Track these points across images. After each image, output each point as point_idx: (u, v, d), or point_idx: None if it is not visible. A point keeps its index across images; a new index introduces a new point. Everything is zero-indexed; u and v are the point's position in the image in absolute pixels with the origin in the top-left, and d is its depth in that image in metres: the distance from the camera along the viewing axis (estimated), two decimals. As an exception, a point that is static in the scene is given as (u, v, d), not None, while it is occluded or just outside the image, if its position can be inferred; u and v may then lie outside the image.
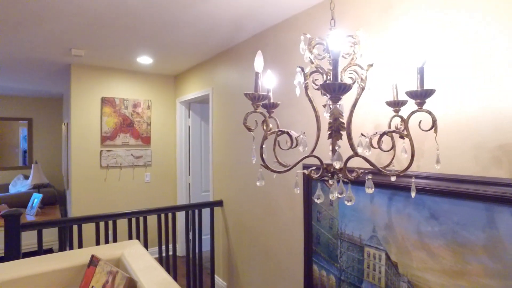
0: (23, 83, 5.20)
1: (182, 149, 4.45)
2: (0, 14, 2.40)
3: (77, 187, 3.83)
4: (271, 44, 2.66)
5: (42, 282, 1.28)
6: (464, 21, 1.43)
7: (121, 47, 3.22)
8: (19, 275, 1.23)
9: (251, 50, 2.91)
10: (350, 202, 1.22)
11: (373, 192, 1.53)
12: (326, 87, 0.95)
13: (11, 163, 6.66)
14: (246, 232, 3.00)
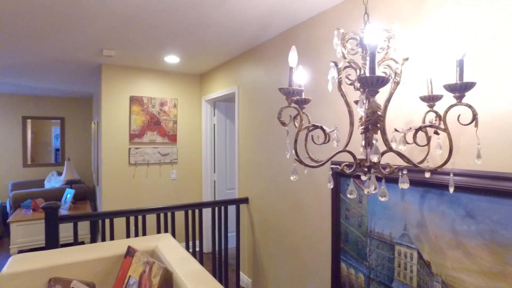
0: (57, 84, 5.42)
1: (208, 147, 4.51)
2: (39, 20, 2.52)
3: (107, 183, 3.97)
4: (297, 42, 2.65)
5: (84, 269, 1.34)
6: (503, 13, 1.37)
7: (149, 47, 3.30)
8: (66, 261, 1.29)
9: (277, 48, 2.91)
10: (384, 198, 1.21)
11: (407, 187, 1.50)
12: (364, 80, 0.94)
13: (44, 161, 6.96)
14: (272, 229, 3.01)
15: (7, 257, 4.38)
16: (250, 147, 3.37)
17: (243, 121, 3.52)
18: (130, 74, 4.12)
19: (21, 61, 3.87)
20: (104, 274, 1.39)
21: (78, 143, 7.22)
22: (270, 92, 3.03)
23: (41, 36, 2.96)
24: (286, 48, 2.80)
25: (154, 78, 4.28)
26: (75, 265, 1.34)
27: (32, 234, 4.45)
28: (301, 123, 1.23)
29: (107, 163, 3.97)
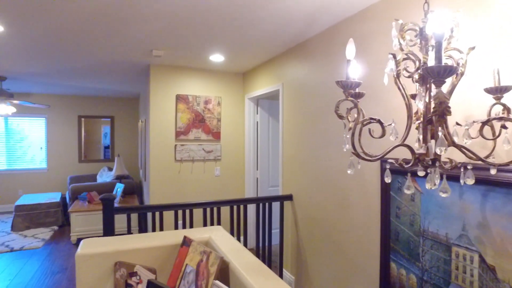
0: (108, 84, 5.76)
1: (251, 144, 4.56)
2: (95, 25, 2.69)
3: (154, 178, 4.15)
4: (344, 37, 2.60)
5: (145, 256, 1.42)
6: None
7: (196, 46, 3.40)
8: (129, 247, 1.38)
9: (322, 45, 2.88)
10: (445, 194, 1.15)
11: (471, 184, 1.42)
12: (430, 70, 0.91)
13: (95, 157, 7.44)
14: (316, 227, 2.98)
15: (69, 243, 4.73)
16: (294, 144, 3.37)
17: (287, 118, 3.52)
18: (176, 73, 4.28)
19: (78, 64, 4.16)
20: (162, 261, 1.47)
21: (126, 141, 7.63)
22: (315, 89, 3.00)
23: (96, 40, 3.16)
24: (331, 44, 2.76)
25: (199, 76, 4.40)
26: (136, 251, 1.43)
27: (89, 224, 4.78)
28: (358, 116, 1.21)
29: (154, 159, 4.16)
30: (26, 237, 4.98)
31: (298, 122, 3.31)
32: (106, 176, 6.35)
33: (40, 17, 2.58)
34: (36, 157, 7.06)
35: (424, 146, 1.19)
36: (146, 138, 4.87)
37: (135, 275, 1.33)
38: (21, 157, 6.96)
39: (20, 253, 4.42)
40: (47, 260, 4.15)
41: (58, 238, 5.03)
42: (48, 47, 3.41)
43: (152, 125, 4.16)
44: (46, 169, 7.06)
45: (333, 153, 2.77)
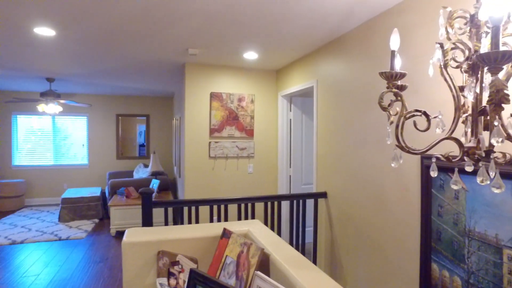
0: (143, 83, 5.97)
1: (284, 142, 4.56)
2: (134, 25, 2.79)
3: (189, 174, 4.25)
4: (382, 31, 2.53)
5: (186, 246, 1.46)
6: None
7: (230, 44, 3.44)
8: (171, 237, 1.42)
9: (359, 39, 2.82)
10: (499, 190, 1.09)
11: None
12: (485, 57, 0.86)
13: (130, 154, 7.74)
14: (352, 225, 2.93)
15: (108, 235, 4.97)
16: (329, 141, 3.32)
17: (321, 115, 3.48)
18: (211, 72, 4.35)
19: (117, 65, 4.34)
20: (202, 252, 1.50)
21: (160, 138, 7.87)
22: (351, 85, 2.94)
23: (135, 40, 3.28)
24: (368, 39, 2.69)
25: (232, 74, 4.45)
26: (178, 241, 1.47)
27: (126, 217, 4.98)
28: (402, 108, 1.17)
29: (189, 156, 4.26)
30: (71, 228, 5.27)
31: (332, 119, 3.26)
32: (142, 172, 6.58)
33: (87, 20, 2.72)
34: (78, 154, 7.46)
35: (474, 139, 1.13)
36: (181, 135, 5.00)
37: (177, 264, 1.38)
38: (65, 153, 7.38)
39: (67, 242, 4.70)
40: (90, 250, 4.37)
41: (98, 230, 5.28)
42: (92, 49, 3.59)
43: (187, 122, 4.27)
44: (87, 165, 7.44)
45: (369, 149, 2.70)
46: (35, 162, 7.21)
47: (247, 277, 1.21)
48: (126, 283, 1.42)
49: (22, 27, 2.93)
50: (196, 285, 1.21)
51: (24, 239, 4.75)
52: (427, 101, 2.13)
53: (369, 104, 2.71)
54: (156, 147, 7.84)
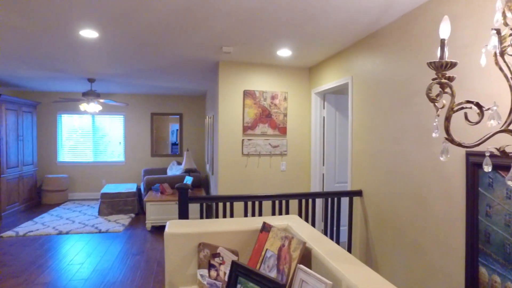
0: (177, 82, 6.11)
1: (317, 139, 4.50)
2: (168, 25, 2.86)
3: (222, 171, 4.31)
4: (422, 24, 2.43)
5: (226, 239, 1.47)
6: None
7: (264, 41, 3.44)
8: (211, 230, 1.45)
9: (398, 33, 2.72)
10: None
11: None
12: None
13: (163, 152, 7.96)
14: (389, 225, 2.84)
15: (144, 230, 5.14)
16: (364, 138, 3.24)
17: (357, 112, 3.40)
18: (244, 70, 4.38)
19: (153, 64, 4.47)
20: (241, 245, 1.51)
21: (193, 136, 8.03)
22: (388, 80, 2.85)
23: (171, 40, 3.37)
24: (407, 32, 2.59)
25: (265, 72, 4.46)
26: (218, 234, 1.49)
27: (161, 213, 5.13)
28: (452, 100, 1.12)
29: (222, 153, 4.31)
30: (110, 222, 5.51)
31: (368, 115, 3.18)
32: (175, 170, 6.75)
33: (128, 21, 2.83)
34: (115, 151, 7.77)
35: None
36: (214, 133, 5.08)
37: (218, 256, 1.39)
38: (103, 151, 7.72)
39: (106, 234, 4.91)
40: (127, 243, 4.54)
41: (134, 224, 5.48)
42: (131, 49, 3.73)
43: (221, 120, 4.32)
44: (123, 162, 7.74)
45: (408, 146, 2.61)
46: (76, 159, 7.60)
47: (288, 271, 1.21)
48: (168, 273, 1.45)
49: (69, 31, 3.09)
50: (238, 276, 1.22)
51: (69, 230, 5.03)
52: (474, 95, 2.02)
53: (408, 99, 2.61)
54: (189, 145, 8.01)
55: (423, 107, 2.44)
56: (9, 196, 5.93)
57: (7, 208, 5.88)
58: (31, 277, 3.47)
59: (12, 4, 2.51)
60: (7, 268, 3.73)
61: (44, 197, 6.96)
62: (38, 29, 3.08)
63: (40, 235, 4.87)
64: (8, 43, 3.54)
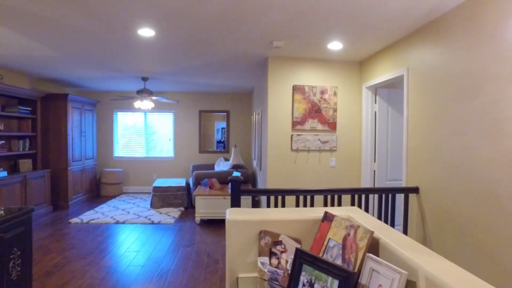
0: (224, 80, 6.23)
1: (368, 135, 4.36)
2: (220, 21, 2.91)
3: (271, 166, 4.32)
4: (493, 6, 2.24)
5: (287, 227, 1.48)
6: None
7: (315, 34, 3.39)
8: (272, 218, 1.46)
9: (462, 19, 2.54)
10: None
11: None
12: None
13: (210, 149, 8.16)
14: (450, 224, 2.67)
15: (193, 223, 5.32)
16: (422, 132, 3.08)
17: (413, 105, 3.24)
18: (293, 64, 4.36)
19: (203, 61, 4.60)
20: (302, 235, 1.51)
21: (239, 133, 8.15)
22: (450, 71, 2.67)
23: (222, 36, 3.43)
24: (474, 17, 2.41)
25: (315, 66, 4.40)
26: (278, 223, 1.50)
27: (209, 207, 5.27)
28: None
29: (271, 149, 4.33)
30: (161, 214, 5.77)
31: (425, 108, 3.01)
32: (223, 166, 6.90)
33: (183, 18, 2.93)
34: (164, 147, 8.12)
35: None
36: (262, 129, 5.11)
37: (279, 244, 1.40)
38: (153, 147, 8.10)
39: (158, 226, 5.15)
40: (178, 235, 4.73)
41: (184, 217, 5.68)
42: (184, 47, 3.86)
43: (270, 115, 4.34)
44: (173, 157, 8.06)
45: (472, 140, 2.43)
46: (130, 154, 8.05)
47: (355, 260, 1.18)
48: (229, 259, 1.49)
49: (129, 31, 3.27)
50: (302, 264, 1.21)
51: (125, 220, 5.34)
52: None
53: (474, 89, 2.43)
54: (235, 142, 8.14)
55: (494, 96, 2.26)
56: (74, 187, 6.44)
57: (73, 198, 6.40)
58: (96, 260, 3.74)
59: (79, 8, 2.71)
60: (76, 250, 4.06)
61: (102, 189, 7.47)
62: (101, 31, 3.30)
63: (100, 223, 5.23)
64: (75, 45, 3.83)
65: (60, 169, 6.16)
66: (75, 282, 3.19)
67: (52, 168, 6.09)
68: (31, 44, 3.82)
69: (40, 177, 5.57)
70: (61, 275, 3.36)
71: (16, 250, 2.33)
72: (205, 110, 8.11)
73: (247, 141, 8.19)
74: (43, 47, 3.94)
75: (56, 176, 6.14)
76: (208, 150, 8.13)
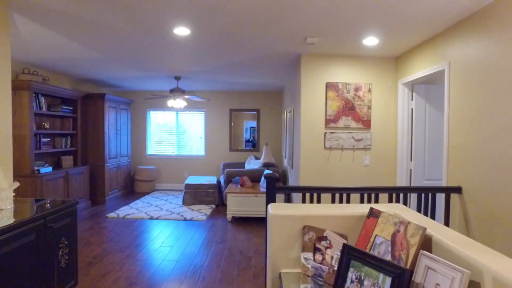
0: (255, 78, 6.25)
1: (404, 133, 4.22)
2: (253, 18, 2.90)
3: (304, 164, 4.29)
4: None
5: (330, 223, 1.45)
6: None
7: (350, 29, 3.33)
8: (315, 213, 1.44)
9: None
10: None
11: None
12: None
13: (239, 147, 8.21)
14: (498, 226, 2.53)
15: (225, 220, 5.38)
16: (464, 130, 2.94)
17: (455, 101, 3.10)
18: (326, 61, 4.30)
19: (235, 59, 4.63)
20: (346, 231, 1.48)
21: (269, 131, 8.15)
22: (498, 63, 2.53)
23: (254, 34, 3.44)
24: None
25: (348, 63, 4.32)
26: (321, 218, 1.48)
27: (241, 204, 5.30)
28: None
29: (304, 147, 4.29)
30: (193, 211, 5.88)
31: (469, 104, 2.87)
32: (253, 164, 6.92)
33: (217, 16, 2.96)
34: (195, 146, 8.26)
35: None
36: (294, 126, 5.08)
37: (324, 240, 1.38)
38: (184, 145, 8.26)
39: (190, 222, 5.26)
40: (210, 231, 4.80)
41: (215, 214, 5.76)
42: (217, 45, 3.91)
43: (303, 113, 4.30)
44: (204, 156, 8.18)
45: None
46: (162, 152, 8.26)
47: (406, 257, 1.14)
48: (271, 254, 1.49)
49: (165, 30, 3.35)
50: (351, 260, 1.19)
51: (158, 216, 5.50)
52: None
53: None
54: (265, 140, 8.15)
55: (548, 91, 2.11)
56: (110, 183, 6.70)
57: (109, 193, 6.66)
58: (133, 253, 3.87)
59: (119, 8, 2.81)
60: (114, 243, 4.22)
61: (136, 186, 7.71)
62: (138, 31, 3.41)
63: (135, 218, 5.40)
64: (114, 46, 3.98)
65: (97, 166, 6.42)
66: (115, 273, 3.31)
67: (90, 165, 6.37)
68: (74, 46, 4.01)
69: (80, 173, 5.84)
70: (102, 266, 3.50)
71: (64, 239, 2.46)
72: (236, 108, 8.17)
73: (277, 139, 8.18)
74: (84, 48, 4.12)
75: (94, 172, 6.41)
76: (238, 149, 8.19)
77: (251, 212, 5.30)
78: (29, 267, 2.06)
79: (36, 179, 4.74)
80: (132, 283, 3.11)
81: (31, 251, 2.09)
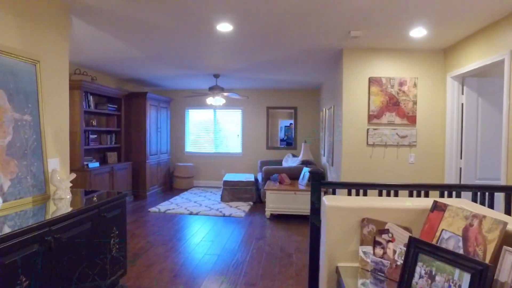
0: (293, 75, 6.19)
1: (453, 129, 4.00)
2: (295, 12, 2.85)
3: (346, 161, 4.19)
4: None
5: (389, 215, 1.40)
6: None
7: (397, 20, 3.19)
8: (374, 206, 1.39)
9: None
10: None
11: None
12: None
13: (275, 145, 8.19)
14: None
15: (263, 217, 5.39)
16: (529, 124, 2.72)
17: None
18: (369, 56, 4.17)
19: (274, 55, 4.60)
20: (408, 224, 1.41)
21: (306, 129, 8.07)
22: None
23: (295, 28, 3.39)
24: None
25: (392, 57, 4.16)
26: (380, 211, 1.43)
27: (279, 202, 5.28)
28: None
29: (346, 143, 4.19)
30: (232, 207, 5.94)
31: (536, 96, 2.65)
32: (291, 162, 6.88)
33: (259, 11, 2.96)
34: (232, 143, 8.34)
35: None
36: (334, 124, 4.98)
37: (385, 233, 1.33)
38: (221, 143, 8.37)
39: (229, 218, 5.31)
40: (249, 228, 4.82)
41: (254, 211, 5.77)
42: (258, 41, 3.91)
43: (345, 109, 4.20)
44: (241, 153, 8.25)
45: None
46: (200, 150, 8.43)
47: (483, 254, 1.07)
48: (328, 247, 1.45)
49: (208, 27, 3.40)
50: (418, 254, 1.13)
51: (197, 212, 5.61)
52: None
53: None
54: (303, 138, 8.07)
55: None
56: (151, 179, 6.93)
57: (150, 189, 6.89)
58: (175, 247, 3.97)
59: (164, 7, 2.88)
60: (156, 236, 4.36)
61: (175, 182, 7.92)
62: (182, 28, 3.48)
63: (175, 213, 5.55)
64: (157, 44, 4.10)
65: (139, 162, 6.66)
66: (159, 265, 3.41)
67: (132, 161, 6.62)
68: (120, 45, 4.17)
69: (124, 168, 6.09)
70: (147, 257, 3.62)
71: (115, 229, 2.56)
72: (273, 106, 8.16)
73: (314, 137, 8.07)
74: (130, 47, 4.28)
75: (136, 168, 6.65)
76: (274, 147, 8.17)
77: (290, 209, 5.26)
78: (87, 253, 2.17)
79: (86, 173, 4.99)
80: (176, 275, 3.19)
81: (88, 238, 2.19)
